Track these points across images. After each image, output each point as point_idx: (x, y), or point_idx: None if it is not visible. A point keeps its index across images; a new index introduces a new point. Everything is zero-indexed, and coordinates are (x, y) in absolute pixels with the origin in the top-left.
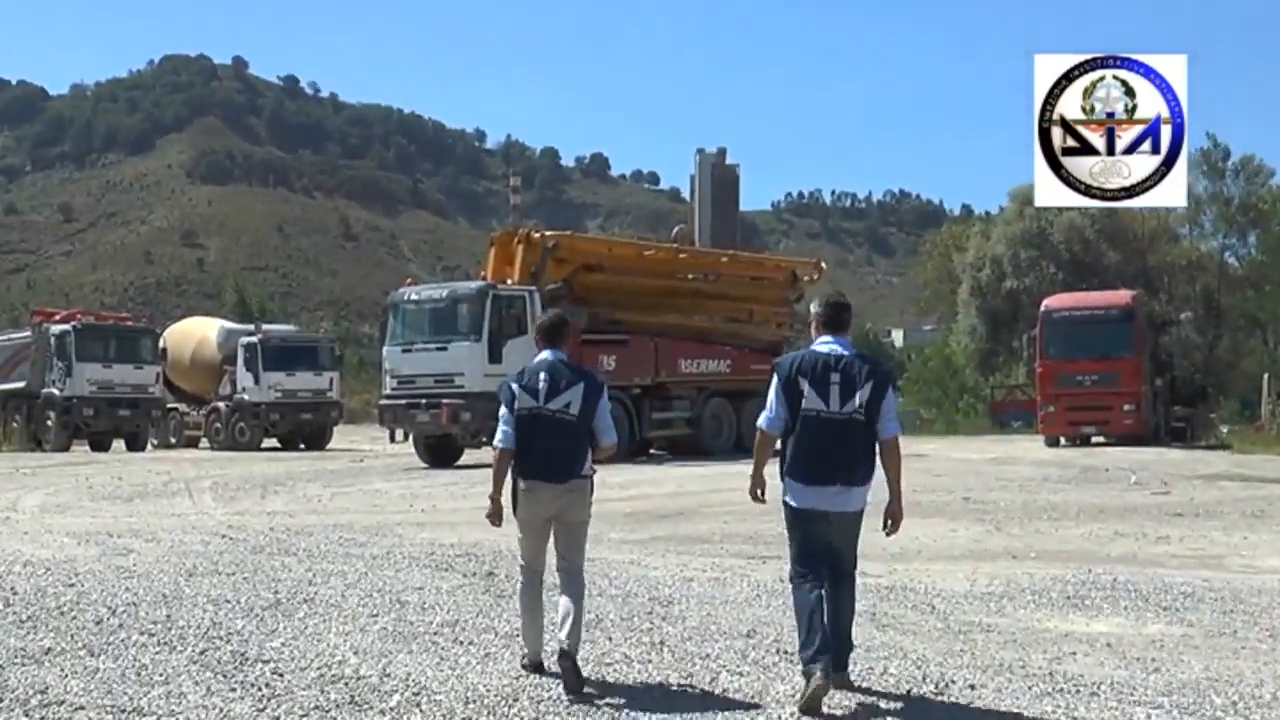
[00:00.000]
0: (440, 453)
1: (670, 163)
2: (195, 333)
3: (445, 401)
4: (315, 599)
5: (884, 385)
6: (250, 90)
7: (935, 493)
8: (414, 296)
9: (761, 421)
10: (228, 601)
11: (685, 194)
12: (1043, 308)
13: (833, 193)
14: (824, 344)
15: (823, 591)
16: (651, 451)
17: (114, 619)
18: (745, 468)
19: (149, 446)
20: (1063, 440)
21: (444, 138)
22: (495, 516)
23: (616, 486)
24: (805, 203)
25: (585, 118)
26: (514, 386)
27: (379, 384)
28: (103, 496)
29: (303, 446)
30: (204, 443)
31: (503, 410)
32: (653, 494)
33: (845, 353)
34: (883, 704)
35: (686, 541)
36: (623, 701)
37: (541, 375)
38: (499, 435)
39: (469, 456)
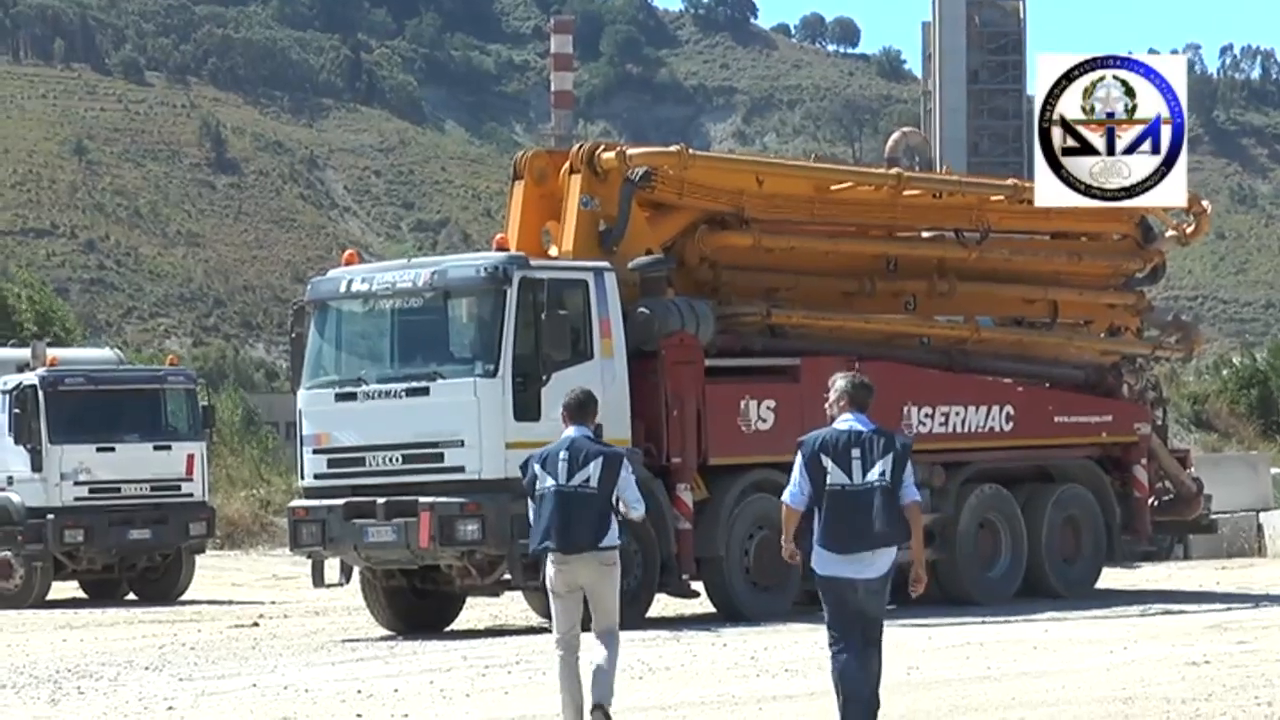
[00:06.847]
0: (417, 606)
1: (879, 6)
2: None
3: (425, 500)
4: None
5: (903, 457)
6: None
7: None
8: (359, 287)
9: (786, 497)
10: None
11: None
12: None
13: (1225, 52)
14: (844, 422)
15: (857, 659)
16: None
17: None
18: (1052, 633)
19: None
20: None
21: None
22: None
23: (782, 671)
24: None
25: None
26: (536, 467)
27: (289, 466)
28: None
29: (133, 596)
30: None
31: (530, 502)
32: None
33: (864, 429)
34: None
35: None
36: None
37: (561, 455)
38: (533, 538)
39: (474, 613)
